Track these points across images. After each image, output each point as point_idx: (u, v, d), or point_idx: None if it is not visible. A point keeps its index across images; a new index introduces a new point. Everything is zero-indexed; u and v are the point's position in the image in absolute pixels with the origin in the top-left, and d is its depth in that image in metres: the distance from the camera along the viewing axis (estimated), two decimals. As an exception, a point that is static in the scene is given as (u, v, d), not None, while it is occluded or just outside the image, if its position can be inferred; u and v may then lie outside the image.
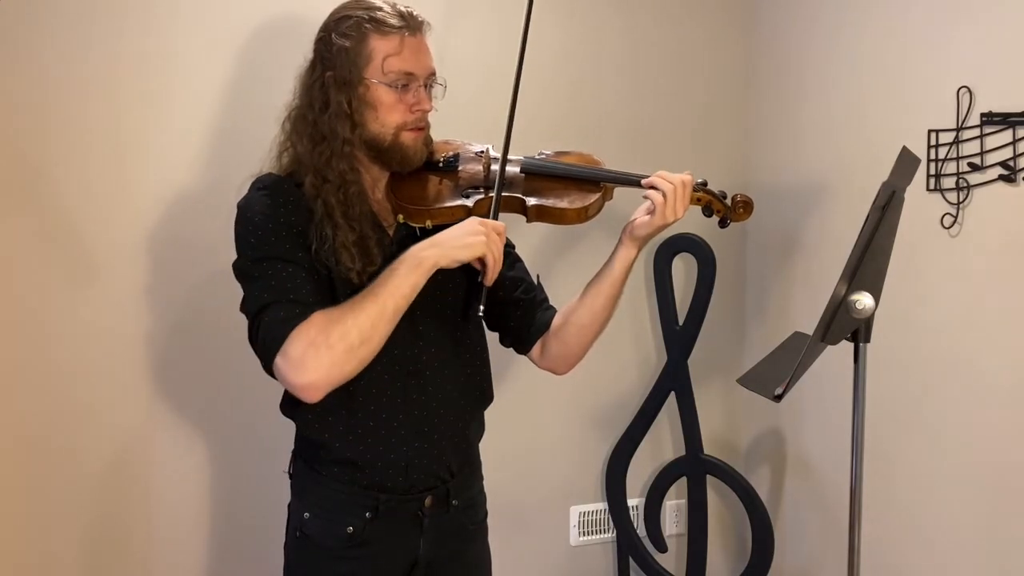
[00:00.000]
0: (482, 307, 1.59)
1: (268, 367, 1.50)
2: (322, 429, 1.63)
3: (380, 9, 1.59)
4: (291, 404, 1.66)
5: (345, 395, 1.60)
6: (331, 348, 1.45)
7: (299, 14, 2.01)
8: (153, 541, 2.15)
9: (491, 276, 1.57)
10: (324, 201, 1.57)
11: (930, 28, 2.16)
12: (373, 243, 1.58)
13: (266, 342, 1.48)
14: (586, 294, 1.72)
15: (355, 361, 1.47)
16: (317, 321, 1.46)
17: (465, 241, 1.54)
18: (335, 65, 1.58)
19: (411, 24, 1.60)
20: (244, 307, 1.54)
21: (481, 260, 1.56)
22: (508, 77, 1.69)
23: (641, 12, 2.60)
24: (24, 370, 2.02)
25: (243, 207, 1.58)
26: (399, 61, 1.58)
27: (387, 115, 1.59)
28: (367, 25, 1.57)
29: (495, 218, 1.62)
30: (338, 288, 1.58)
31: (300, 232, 1.56)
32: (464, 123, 1.90)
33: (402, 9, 1.61)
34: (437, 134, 1.72)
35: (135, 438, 2.12)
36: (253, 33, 2.17)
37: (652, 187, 1.64)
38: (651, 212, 1.65)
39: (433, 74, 1.64)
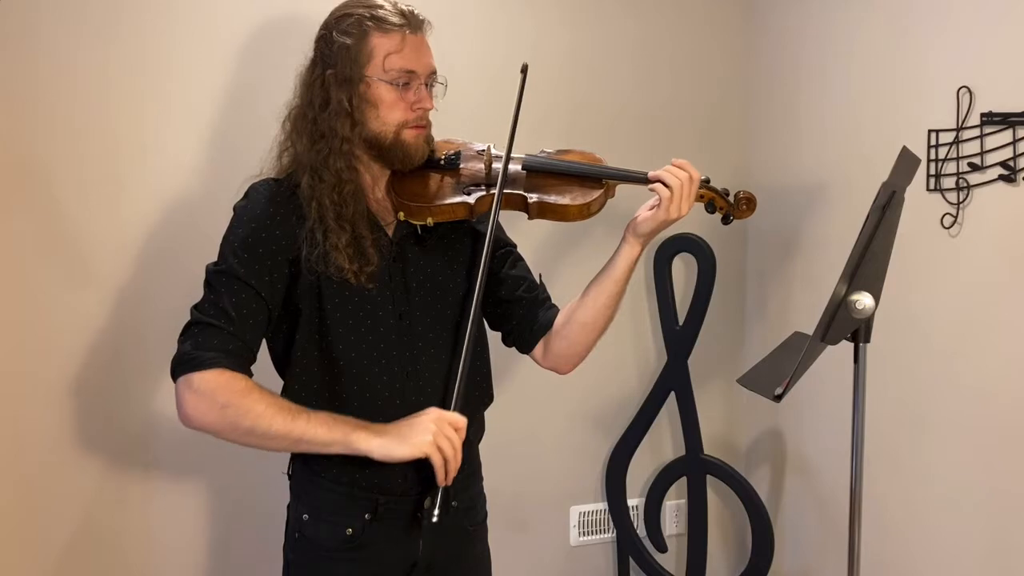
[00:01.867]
0: (436, 512, 1.52)
1: (173, 375, 1.52)
2: (321, 430, 1.62)
3: (381, 7, 1.59)
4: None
5: (344, 396, 1.60)
6: (223, 415, 1.48)
7: (300, 12, 2.01)
8: (153, 541, 2.15)
9: (441, 476, 1.52)
10: (318, 202, 1.57)
11: (930, 28, 2.15)
12: (369, 243, 1.58)
13: (184, 358, 1.50)
14: (589, 292, 1.72)
15: (232, 436, 1.51)
16: (233, 386, 1.49)
17: (409, 439, 1.51)
18: (336, 63, 1.58)
19: (412, 22, 1.60)
20: (194, 306, 1.55)
21: (427, 459, 1.51)
22: (510, 76, 1.69)
23: (642, 13, 2.60)
24: (23, 369, 2.02)
25: (235, 212, 1.60)
26: (400, 59, 1.57)
27: (388, 113, 1.59)
28: (368, 23, 1.57)
29: (496, 215, 1.61)
30: (328, 292, 1.58)
31: (282, 247, 1.56)
32: (466, 122, 1.90)
33: (403, 7, 1.60)
34: (439, 133, 1.72)
35: (134, 438, 2.12)
36: (253, 32, 2.17)
37: (660, 181, 1.64)
38: (655, 207, 1.65)
39: (434, 72, 1.64)
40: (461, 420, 1.55)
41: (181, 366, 1.50)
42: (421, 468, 1.63)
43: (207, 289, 1.55)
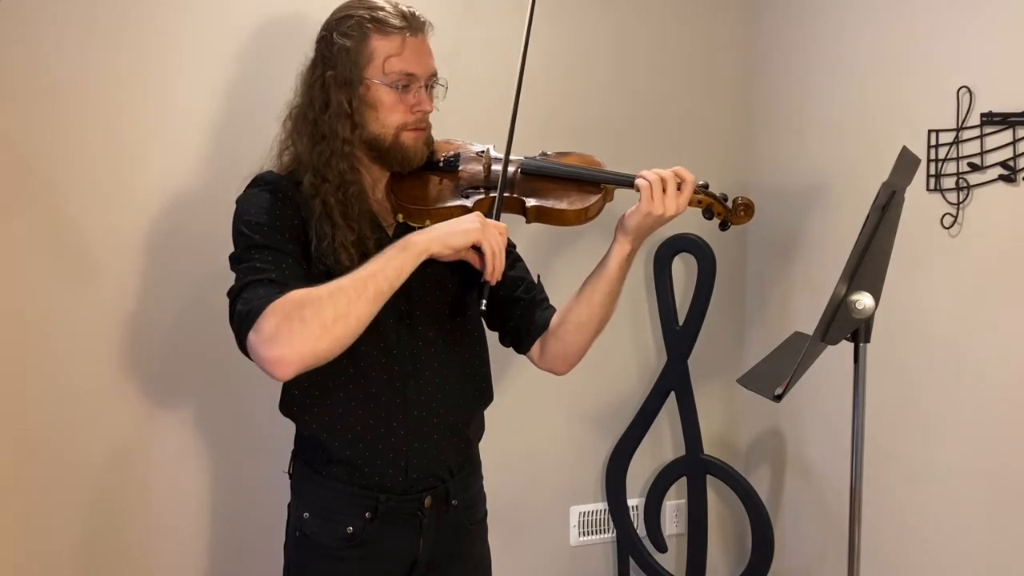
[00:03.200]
0: (484, 302, 1.57)
1: (242, 343, 1.44)
2: (321, 429, 1.63)
3: (382, 9, 1.59)
4: (290, 404, 1.66)
5: (344, 395, 1.61)
6: (304, 322, 1.38)
7: (301, 13, 2.02)
8: (153, 541, 2.15)
9: (491, 270, 1.54)
10: (323, 201, 1.57)
11: (930, 28, 2.15)
12: (372, 243, 1.58)
13: (241, 316, 1.44)
14: (582, 292, 1.71)
15: (329, 338, 1.40)
16: (293, 296, 1.41)
17: (461, 227, 1.52)
18: (336, 64, 1.58)
19: (413, 24, 1.59)
20: (229, 291, 1.52)
21: (478, 250, 1.53)
22: (510, 78, 1.69)
23: (641, 12, 2.60)
24: (24, 369, 2.02)
25: (240, 201, 1.59)
26: (400, 61, 1.57)
27: (387, 115, 1.59)
28: (369, 25, 1.57)
29: (497, 219, 1.61)
30: None
31: (296, 227, 1.56)
32: (466, 123, 1.90)
33: (404, 9, 1.60)
34: (439, 134, 1.72)
35: (135, 437, 2.12)
36: (255, 31, 2.17)
37: (642, 176, 1.63)
38: (639, 200, 1.63)
39: (434, 75, 1.64)
40: (504, 226, 1.57)
41: (243, 325, 1.42)
42: (420, 467, 1.64)
43: (236, 269, 1.52)
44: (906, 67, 2.22)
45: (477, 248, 1.53)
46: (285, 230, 1.54)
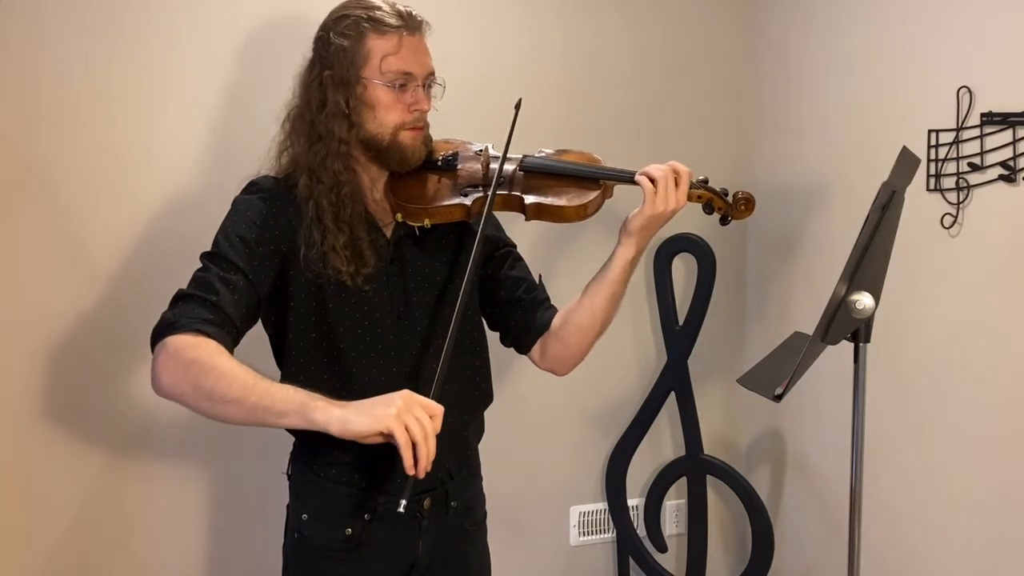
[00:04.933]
0: (403, 502, 1.36)
1: (152, 342, 1.46)
2: (319, 432, 1.62)
3: (379, 8, 1.58)
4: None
5: (344, 396, 1.60)
6: (187, 373, 1.39)
7: (299, 13, 2.01)
8: (152, 541, 2.15)
9: (409, 464, 1.34)
10: (316, 203, 1.56)
11: (930, 28, 2.15)
12: (366, 244, 1.58)
13: (165, 323, 1.45)
14: (586, 294, 1.71)
15: (192, 402, 1.41)
16: (201, 345, 1.41)
17: (371, 411, 1.36)
18: (333, 64, 1.58)
19: (410, 24, 1.59)
20: (178, 290, 1.52)
21: (386, 436, 1.35)
22: (509, 76, 1.69)
23: (641, 12, 2.60)
24: (24, 369, 2.02)
25: (233, 205, 1.60)
26: (397, 61, 1.57)
27: (385, 115, 1.59)
28: (365, 24, 1.57)
29: (487, 214, 1.61)
30: (327, 292, 1.58)
31: (278, 240, 1.56)
32: (464, 123, 1.90)
33: (401, 8, 1.60)
34: (437, 133, 1.71)
35: (135, 438, 2.12)
36: (252, 32, 2.17)
37: (645, 175, 1.62)
38: (643, 202, 1.63)
39: (432, 74, 1.63)
40: (436, 407, 1.39)
41: (159, 332, 1.45)
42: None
43: (197, 269, 1.53)
44: (906, 67, 2.22)
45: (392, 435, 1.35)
46: (261, 245, 1.54)
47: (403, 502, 1.37)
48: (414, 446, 1.35)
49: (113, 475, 2.11)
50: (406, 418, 1.35)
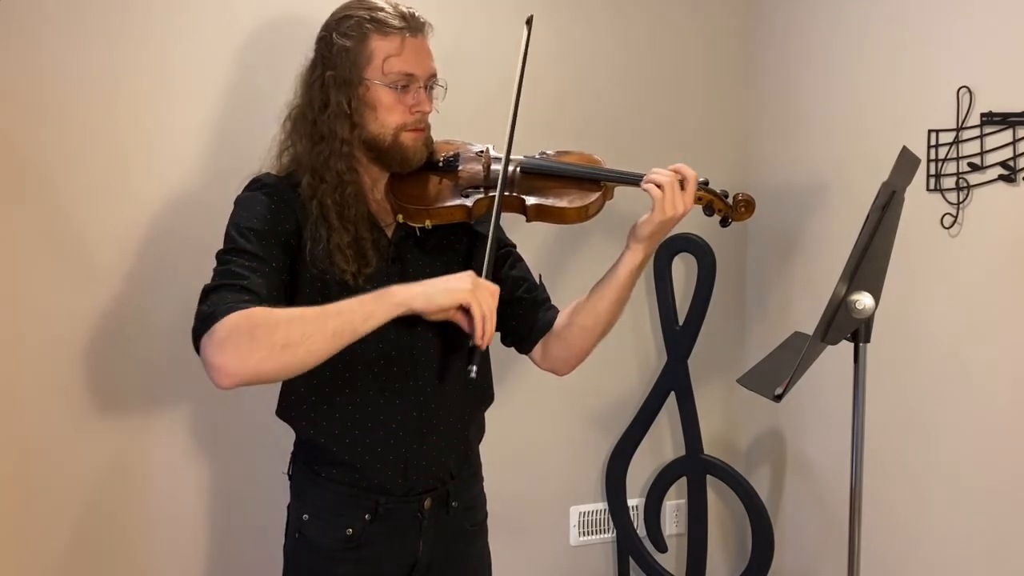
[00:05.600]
0: (474, 368, 1.50)
1: (196, 342, 1.42)
2: (319, 433, 1.62)
3: (382, 9, 1.59)
4: (287, 409, 1.66)
5: (342, 397, 1.60)
6: (254, 340, 1.36)
7: (301, 13, 2.01)
8: (153, 542, 2.15)
9: (480, 334, 1.48)
10: (320, 202, 1.57)
11: (930, 28, 2.15)
12: (369, 244, 1.58)
13: (202, 317, 1.42)
14: (591, 296, 1.71)
15: (273, 362, 1.38)
16: (251, 313, 1.39)
17: (449, 285, 1.47)
18: (335, 65, 1.58)
19: (412, 25, 1.59)
20: (204, 287, 1.49)
21: (466, 311, 1.48)
22: (510, 78, 1.69)
23: (641, 12, 2.60)
24: (23, 369, 2.02)
25: (237, 203, 1.59)
26: (399, 62, 1.57)
27: (386, 116, 1.59)
28: (368, 25, 1.57)
29: (497, 218, 1.61)
30: (332, 290, 1.57)
31: (288, 232, 1.56)
32: (465, 124, 1.90)
33: (404, 10, 1.60)
34: (439, 135, 1.72)
35: (134, 438, 2.12)
36: (254, 31, 2.17)
37: (652, 181, 1.62)
38: (652, 209, 1.63)
39: (434, 75, 1.64)
40: (495, 287, 1.52)
41: (201, 326, 1.40)
42: (420, 469, 1.64)
43: (216, 268, 1.51)
44: (906, 67, 2.22)
45: (466, 309, 1.48)
46: (274, 236, 1.54)
47: (474, 368, 1.50)
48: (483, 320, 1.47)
49: (113, 475, 2.11)
50: (479, 294, 1.47)
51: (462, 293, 1.47)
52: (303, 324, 1.39)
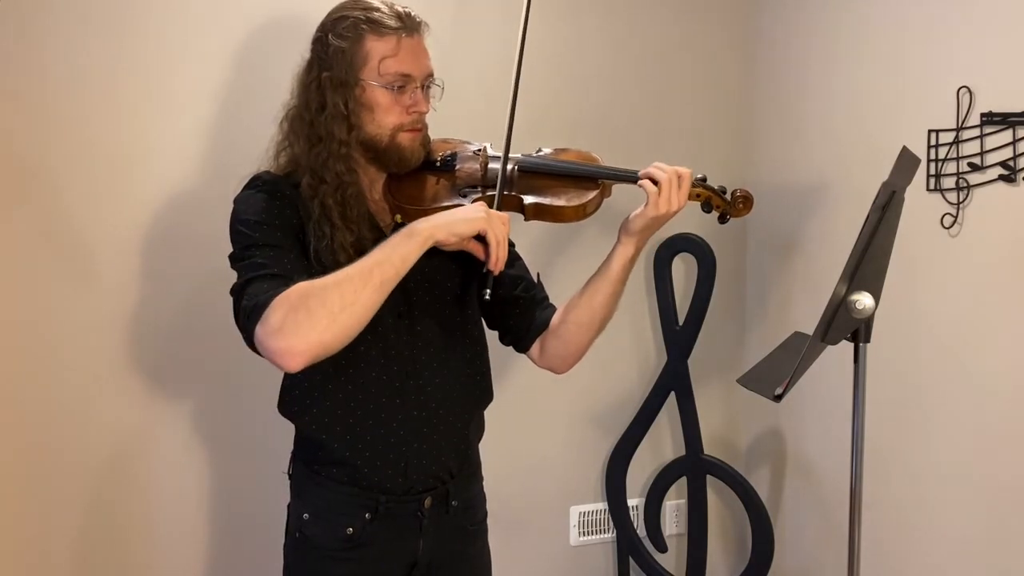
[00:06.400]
0: (488, 291, 1.57)
1: (250, 338, 1.44)
2: (320, 430, 1.62)
3: (377, 10, 1.58)
4: (289, 405, 1.66)
5: (343, 395, 1.60)
6: (310, 312, 1.38)
7: (298, 13, 2.01)
8: (152, 541, 2.15)
9: (495, 259, 1.54)
10: (321, 202, 1.56)
11: (930, 28, 2.15)
12: (370, 245, 1.58)
13: (248, 311, 1.43)
14: (584, 292, 1.71)
15: (336, 328, 1.40)
16: (298, 288, 1.41)
17: (466, 215, 1.53)
18: (332, 66, 1.58)
19: (408, 25, 1.59)
20: (231, 289, 1.51)
21: (483, 240, 1.53)
22: (507, 76, 1.69)
23: (641, 11, 2.60)
24: (23, 369, 2.02)
25: (237, 202, 1.59)
26: (396, 63, 1.57)
27: (383, 116, 1.59)
28: (364, 26, 1.57)
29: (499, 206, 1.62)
30: None
31: (294, 226, 1.56)
32: (463, 123, 1.90)
33: (400, 10, 1.60)
34: (436, 134, 1.71)
35: (134, 437, 2.12)
36: (252, 32, 2.17)
37: (648, 176, 1.63)
38: (645, 203, 1.64)
39: (431, 75, 1.63)
40: (507, 216, 1.58)
41: (250, 320, 1.42)
42: (420, 468, 1.64)
43: (237, 267, 1.52)
44: (906, 67, 2.22)
45: (481, 238, 1.54)
46: (281, 228, 1.54)
47: (488, 291, 1.57)
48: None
49: (113, 475, 2.11)
50: (493, 222, 1.54)
51: (479, 221, 1.52)
52: (351, 283, 1.42)
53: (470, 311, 1.72)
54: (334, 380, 1.60)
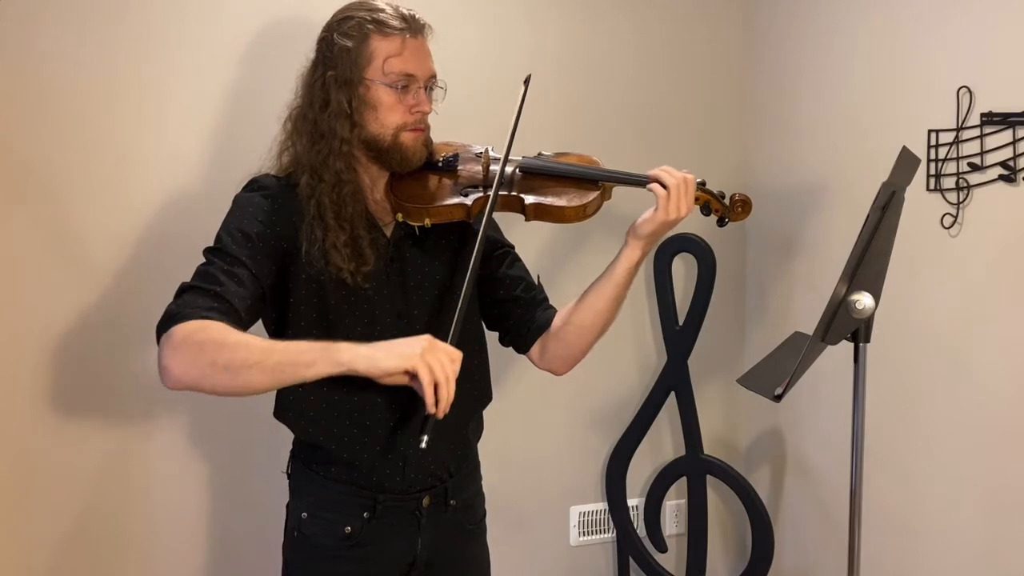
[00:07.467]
0: (424, 438, 1.43)
1: (157, 337, 1.45)
2: (318, 431, 1.63)
3: (382, 11, 1.60)
4: (285, 409, 1.66)
5: (340, 396, 1.60)
6: (201, 353, 1.40)
7: (302, 14, 2.02)
8: (152, 541, 2.15)
9: (431, 403, 1.40)
10: (317, 201, 1.57)
11: (930, 28, 2.15)
12: (366, 243, 1.58)
13: (168, 315, 1.45)
14: (588, 295, 1.72)
15: (213, 380, 1.40)
16: (211, 326, 1.42)
17: (397, 349, 1.42)
18: (336, 65, 1.59)
19: (413, 26, 1.60)
20: (180, 285, 1.52)
21: (412, 376, 1.41)
22: (509, 79, 1.69)
23: (641, 12, 2.60)
24: (24, 369, 2.02)
25: (235, 202, 1.60)
26: (400, 62, 1.58)
27: (386, 116, 1.60)
28: (369, 26, 1.58)
29: (489, 215, 1.62)
30: (328, 289, 1.59)
31: (280, 237, 1.56)
32: (465, 126, 1.90)
33: (404, 11, 1.61)
34: (438, 136, 1.72)
35: (133, 438, 2.12)
36: (255, 32, 2.17)
37: (658, 181, 1.64)
38: (655, 209, 1.64)
39: (433, 76, 1.65)
40: (457, 352, 1.46)
41: (164, 324, 1.44)
42: (418, 467, 1.64)
43: (200, 265, 1.54)
44: (906, 67, 2.22)
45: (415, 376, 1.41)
46: (263, 241, 1.55)
47: (424, 438, 1.43)
48: (436, 387, 1.41)
49: (113, 475, 2.11)
50: (430, 358, 1.41)
51: (409, 358, 1.40)
52: (248, 351, 1.40)
53: (470, 312, 1.73)
54: (332, 381, 1.59)
